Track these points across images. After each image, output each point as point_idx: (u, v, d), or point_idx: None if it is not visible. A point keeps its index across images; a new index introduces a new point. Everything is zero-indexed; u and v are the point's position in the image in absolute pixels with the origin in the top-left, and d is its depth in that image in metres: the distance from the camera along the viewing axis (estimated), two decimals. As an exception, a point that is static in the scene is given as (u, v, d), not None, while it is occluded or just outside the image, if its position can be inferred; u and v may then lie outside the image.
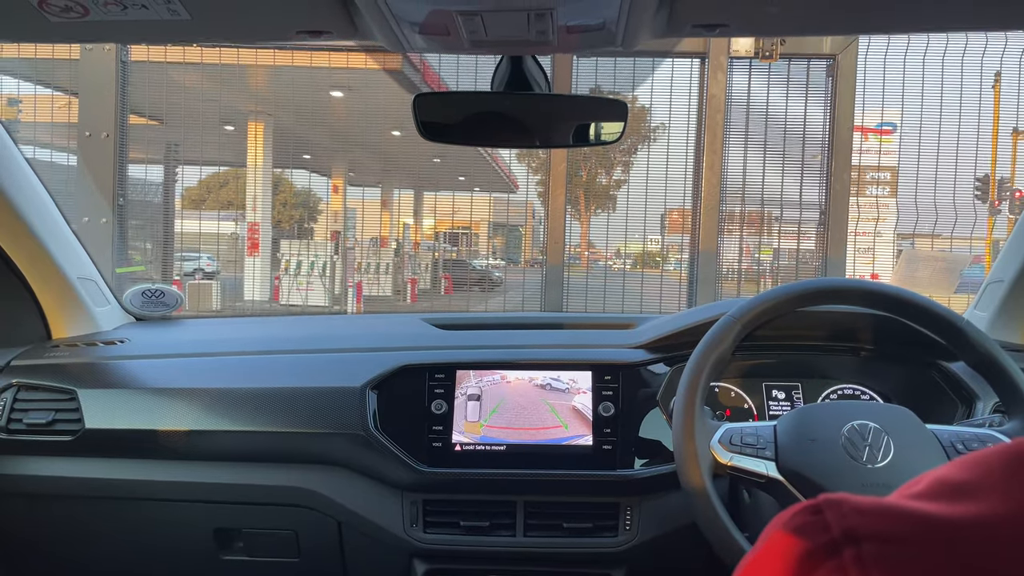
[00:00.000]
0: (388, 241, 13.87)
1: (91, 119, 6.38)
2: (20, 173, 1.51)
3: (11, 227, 1.52)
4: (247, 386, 1.45)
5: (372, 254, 11.90)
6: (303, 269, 9.59)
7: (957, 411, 1.39)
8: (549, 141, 1.21)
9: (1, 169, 1.44)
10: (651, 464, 1.37)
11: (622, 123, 1.17)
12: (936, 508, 0.36)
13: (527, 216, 28.60)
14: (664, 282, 8.41)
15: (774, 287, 1.24)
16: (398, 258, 12.18)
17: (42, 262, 1.59)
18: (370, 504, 1.39)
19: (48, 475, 1.46)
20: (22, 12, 0.88)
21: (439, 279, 13.82)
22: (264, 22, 0.97)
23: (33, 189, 1.55)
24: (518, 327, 1.69)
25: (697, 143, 4.34)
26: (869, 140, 10.01)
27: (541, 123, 1.16)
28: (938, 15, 0.92)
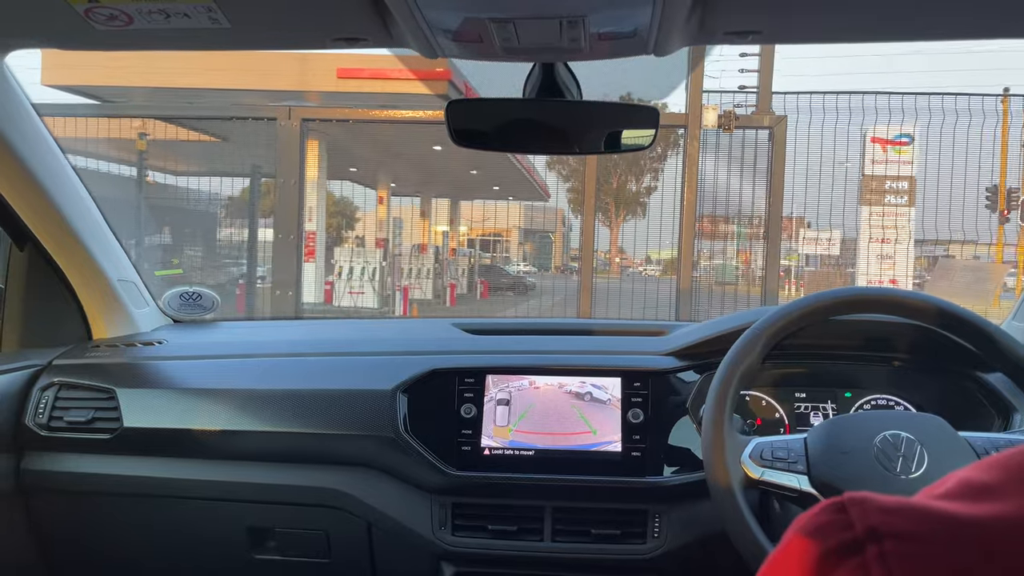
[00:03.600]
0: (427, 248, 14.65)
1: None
2: (67, 180, 1.54)
3: (56, 232, 1.55)
4: (280, 387, 1.47)
5: (415, 260, 12.24)
6: (354, 274, 10.40)
7: (994, 423, 1.35)
8: (580, 147, 1.20)
9: (50, 176, 1.46)
10: (681, 471, 1.35)
11: (653, 129, 1.17)
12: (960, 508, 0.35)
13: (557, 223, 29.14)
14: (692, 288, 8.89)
15: (802, 296, 1.21)
16: (438, 264, 12.49)
17: (84, 264, 1.61)
18: (399, 506, 1.39)
19: (87, 472, 1.48)
20: (68, 20, 0.91)
21: (476, 284, 14.12)
22: (302, 30, 0.99)
23: (78, 195, 1.57)
24: (548, 333, 1.68)
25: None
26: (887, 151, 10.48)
27: (572, 129, 1.16)
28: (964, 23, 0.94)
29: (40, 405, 1.48)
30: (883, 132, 10.07)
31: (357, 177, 12.59)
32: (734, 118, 5.93)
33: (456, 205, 15.14)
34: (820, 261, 12.75)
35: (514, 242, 27.06)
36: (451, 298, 12.46)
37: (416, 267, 12.06)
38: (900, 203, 9.95)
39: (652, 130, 1.16)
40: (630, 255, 16.71)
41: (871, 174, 10.00)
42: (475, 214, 17.39)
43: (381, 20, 0.89)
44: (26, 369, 1.53)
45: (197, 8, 0.87)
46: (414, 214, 15.87)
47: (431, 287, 11.92)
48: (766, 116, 6.06)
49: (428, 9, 0.84)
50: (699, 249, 9.07)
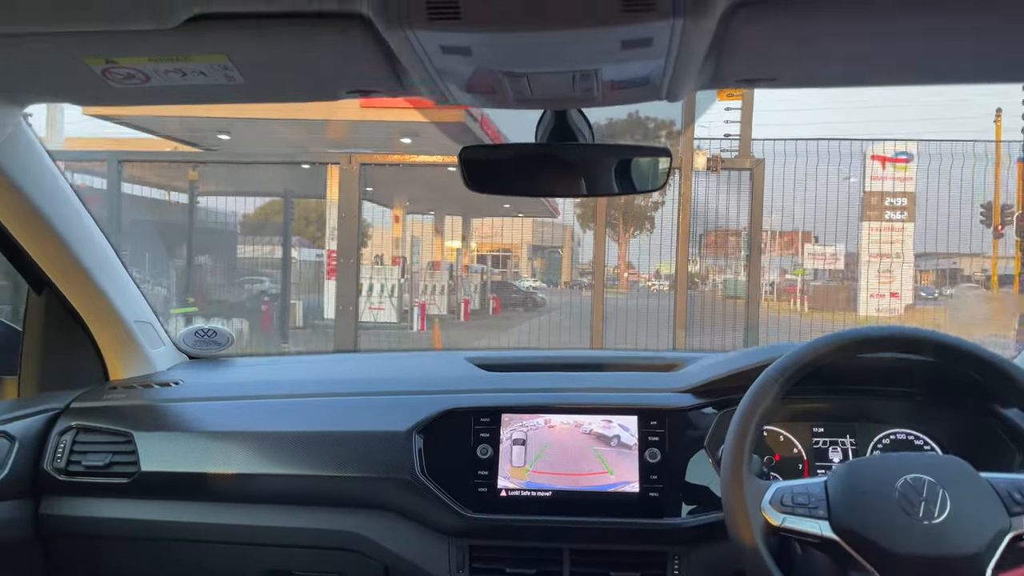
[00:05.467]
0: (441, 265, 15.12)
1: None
2: (83, 226, 1.54)
3: (73, 276, 1.56)
4: (296, 429, 1.46)
5: (430, 277, 12.54)
6: (374, 291, 10.83)
7: (1016, 459, 1.33)
8: (594, 189, 1.19)
9: (66, 224, 1.48)
10: (699, 511, 1.33)
11: (667, 168, 1.17)
12: None
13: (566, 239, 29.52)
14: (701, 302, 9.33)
15: (817, 337, 1.19)
16: (452, 281, 12.78)
17: (101, 307, 1.62)
18: (416, 549, 1.38)
19: (105, 516, 1.47)
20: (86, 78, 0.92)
21: (488, 299, 14.40)
22: (315, 84, 1.01)
23: (94, 241, 1.57)
24: (563, 368, 1.66)
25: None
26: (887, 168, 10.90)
27: (585, 172, 1.16)
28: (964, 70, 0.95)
29: (58, 449, 1.48)
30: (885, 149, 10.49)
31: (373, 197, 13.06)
32: (720, 161, 7.10)
33: (468, 222, 15.57)
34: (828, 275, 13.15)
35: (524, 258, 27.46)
36: (465, 314, 12.65)
37: (431, 284, 12.34)
38: (900, 218, 10.36)
39: (666, 169, 1.17)
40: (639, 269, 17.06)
41: (872, 190, 10.43)
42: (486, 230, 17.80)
43: (393, 72, 0.89)
44: (44, 413, 1.53)
45: (213, 67, 0.89)
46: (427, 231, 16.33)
47: (446, 303, 12.23)
48: (747, 159, 7.20)
49: (441, 63, 0.84)
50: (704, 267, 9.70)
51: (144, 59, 0.88)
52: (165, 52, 0.86)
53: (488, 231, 18.03)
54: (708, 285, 9.84)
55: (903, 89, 6.90)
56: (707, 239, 9.54)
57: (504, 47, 0.83)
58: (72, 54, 0.88)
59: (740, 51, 0.86)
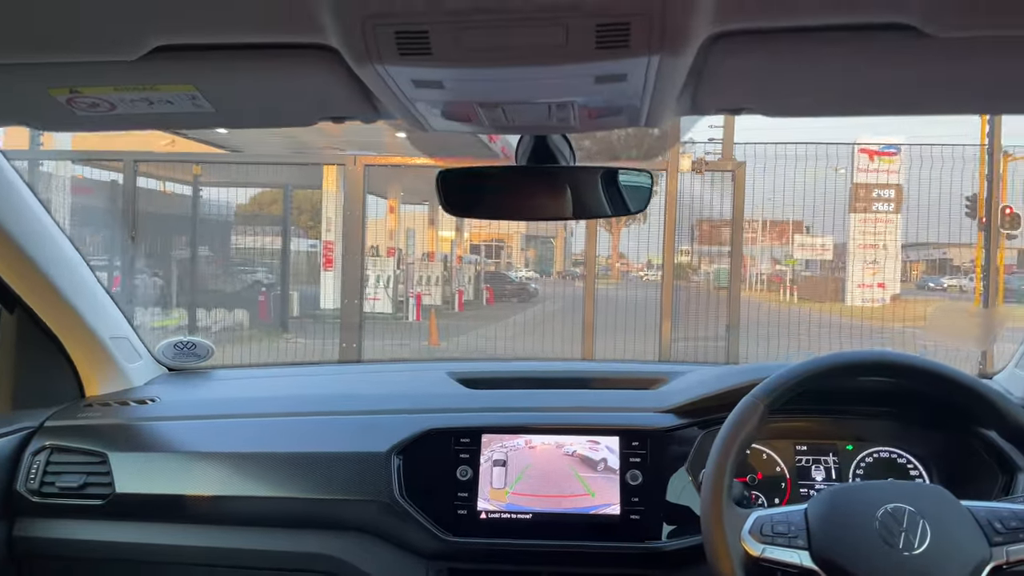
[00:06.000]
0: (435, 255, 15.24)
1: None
2: (53, 244, 1.52)
3: (44, 295, 1.53)
4: (273, 450, 1.44)
5: (425, 268, 12.61)
6: (370, 282, 10.94)
7: (998, 480, 1.32)
8: (574, 212, 1.18)
9: (35, 242, 1.46)
10: (680, 534, 1.32)
11: (648, 192, 1.16)
12: None
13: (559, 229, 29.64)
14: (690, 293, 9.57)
15: (798, 363, 1.19)
16: (446, 272, 12.91)
17: (74, 325, 1.60)
18: (394, 572, 1.37)
19: (79, 539, 1.45)
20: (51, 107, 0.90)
21: (482, 290, 14.43)
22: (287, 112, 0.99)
23: (65, 257, 1.55)
24: (545, 384, 1.63)
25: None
26: (874, 161, 11.10)
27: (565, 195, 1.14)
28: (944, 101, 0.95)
29: (32, 470, 1.46)
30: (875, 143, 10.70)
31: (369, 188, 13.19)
32: (704, 163, 7.47)
33: (462, 213, 15.68)
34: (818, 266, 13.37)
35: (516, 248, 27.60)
36: (459, 304, 12.77)
37: (426, 274, 12.41)
38: (887, 210, 10.57)
39: (647, 192, 1.17)
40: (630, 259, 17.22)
41: (860, 183, 10.64)
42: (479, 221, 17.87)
43: (367, 100, 0.88)
44: (18, 432, 1.50)
45: (180, 96, 0.87)
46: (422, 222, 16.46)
47: (440, 293, 12.30)
48: (729, 162, 7.58)
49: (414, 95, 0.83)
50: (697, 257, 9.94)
51: (109, 89, 0.86)
52: (130, 82, 0.85)
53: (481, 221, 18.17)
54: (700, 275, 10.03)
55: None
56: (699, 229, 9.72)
57: (477, 81, 0.82)
58: (36, 84, 0.86)
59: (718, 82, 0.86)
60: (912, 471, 1.41)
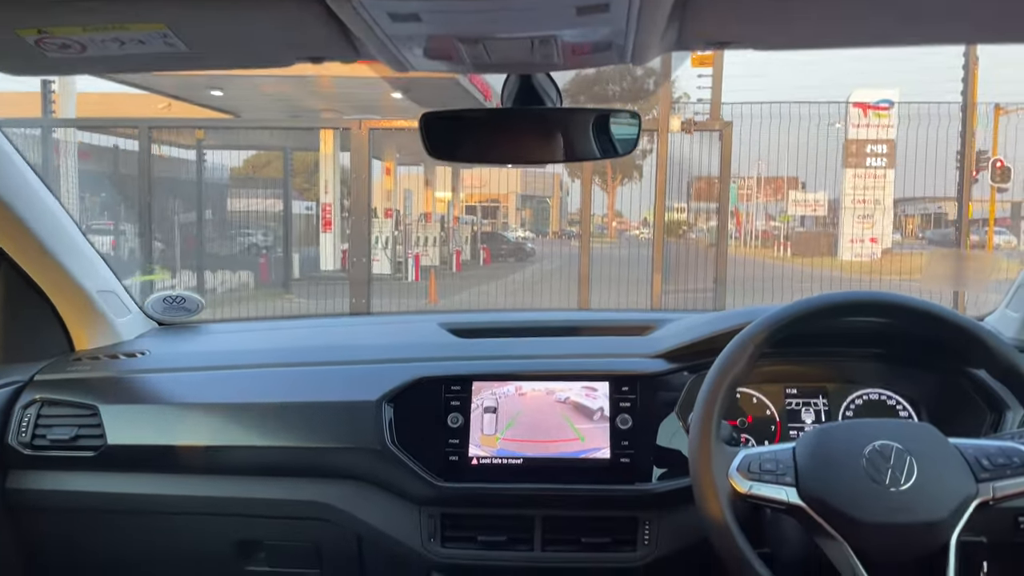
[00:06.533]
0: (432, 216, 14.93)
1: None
2: (36, 198, 1.50)
3: (29, 249, 1.52)
4: (264, 401, 1.44)
5: (422, 229, 12.72)
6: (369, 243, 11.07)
7: (986, 419, 1.32)
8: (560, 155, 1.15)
9: (17, 196, 1.45)
10: (670, 476, 1.33)
11: (635, 133, 1.14)
12: None
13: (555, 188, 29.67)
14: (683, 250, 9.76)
15: (790, 303, 1.19)
16: (444, 232, 12.93)
17: (60, 279, 1.58)
18: (388, 518, 1.38)
19: (72, 490, 1.45)
20: (20, 49, 0.88)
21: (478, 250, 14.50)
22: (262, 52, 0.96)
23: (49, 211, 1.53)
24: (535, 333, 1.63)
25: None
26: (868, 116, 11.17)
27: (551, 137, 1.12)
28: (932, 31, 0.93)
29: (23, 423, 1.46)
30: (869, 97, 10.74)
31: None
32: (693, 124, 7.64)
33: (457, 173, 15.77)
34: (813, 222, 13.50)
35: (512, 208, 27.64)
36: (457, 264, 12.89)
37: (424, 235, 12.46)
38: (881, 165, 10.67)
39: (635, 133, 1.14)
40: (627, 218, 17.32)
41: (853, 138, 10.71)
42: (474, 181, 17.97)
43: (345, 38, 0.86)
44: (8, 386, 1.50)
45: (151, 35, 0.85)
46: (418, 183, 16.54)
47: (438, 254, 12.37)
48: (717, 122, 7.77)
49: (392, 30, 0.81)
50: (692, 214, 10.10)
51: (78, 29, 0.84)
52: (100, 22, 0.83)
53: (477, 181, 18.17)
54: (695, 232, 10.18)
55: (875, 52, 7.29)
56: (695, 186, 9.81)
57: (455, 13, 0.80)
58: (2, 25, 0.84)
59: (705, 13, 0.84)
60: (901, 412, 1.42)
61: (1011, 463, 1.03)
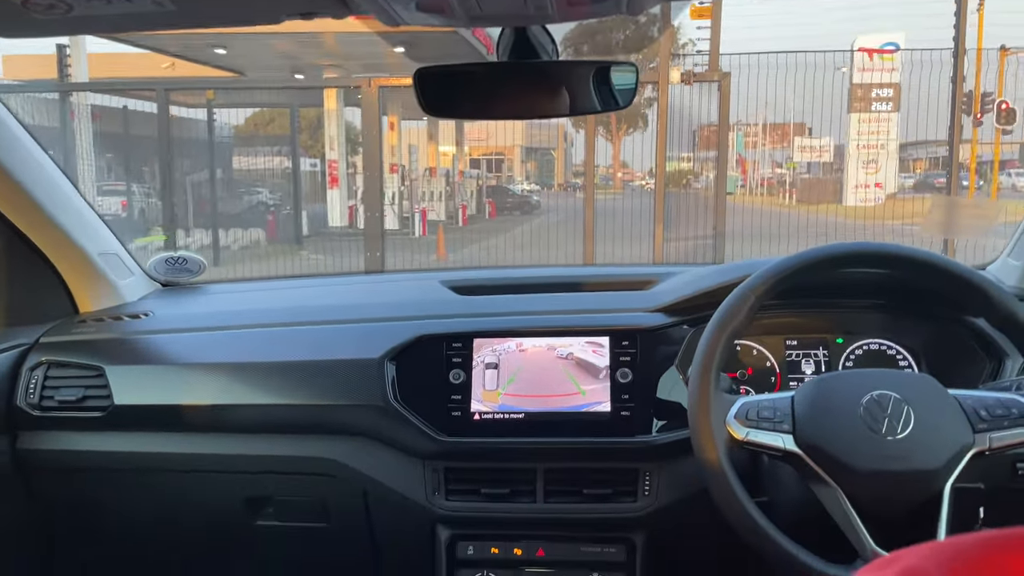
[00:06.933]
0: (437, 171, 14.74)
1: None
2: (32, 160, 1.50)
3: (27, 212, 1.52)
4: (268, 360, 1.46)
5: (428, 184, 12.82)
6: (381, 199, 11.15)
7: (985, 367, 1.33)
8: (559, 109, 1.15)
9: (10, 156, 1.44)
10: (670, 428, 1.34)
11: (633, 86, 1.13)
12: None
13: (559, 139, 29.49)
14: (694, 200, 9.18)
15: (788, 256, 1.19)
16: (449, 187, 13.00)
17: (60, 242, 1.59)
18: (392, 473, 1.40)
19: (82, 450, 1.48)
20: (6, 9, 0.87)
21: (484, 204, 14.56)
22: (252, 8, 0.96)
23: (45, 174, 1.54)
24: (536, 289, 1.65)
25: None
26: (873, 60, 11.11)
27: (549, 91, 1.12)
28: None
29: (30, 385, 1.49)
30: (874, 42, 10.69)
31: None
32: (692, 75, 7.81)
33: (460, 126, 15.74)
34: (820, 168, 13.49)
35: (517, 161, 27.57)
36: (463, 218, 12.97)
37: (429, 190, 12.55)
38: (886, 109, 10.67)
39: (632, 86, 1.14)
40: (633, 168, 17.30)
41: (859, 82, 10.70)
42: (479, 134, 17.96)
43: None
44: (14, 349, 1.52)
45: None
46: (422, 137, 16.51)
47: (444, 209, 12.44)
48: (715, 73, 7.94)
49: None
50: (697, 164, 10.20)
51: None
52: None
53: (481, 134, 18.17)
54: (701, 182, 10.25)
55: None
56: (701, 134, 9.83)
57: None
58: None
59: None
60: (901, 361, 1.44)
61: (1009, 414, 1.04)
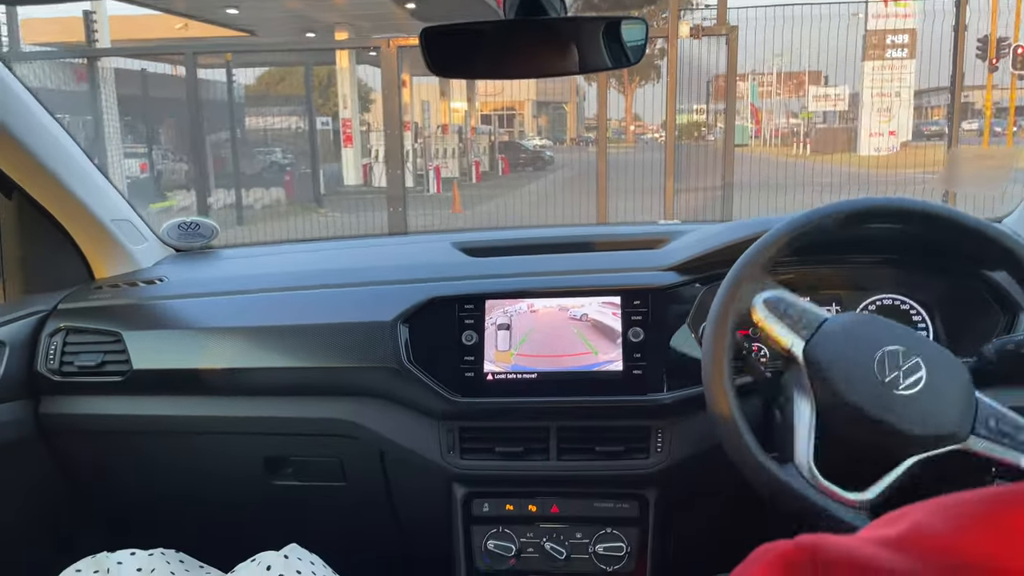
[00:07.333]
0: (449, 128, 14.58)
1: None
2: (42, 128, 1.52)
3: (39, 179, 1.55)
4: (282, 323, 1.49)
5: (441, 141, 12.87)
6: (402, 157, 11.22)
7: (1000, 321, 1.34)
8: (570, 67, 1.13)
9: (20, 124, 1.47)
10: (681, 386, 1.36)
11: (643, 41, 1.13)
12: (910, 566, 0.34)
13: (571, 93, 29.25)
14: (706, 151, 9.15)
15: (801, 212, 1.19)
16: (462, 144, 13.06)
17: (74, 208, 1.62)
18: (408, 433, 1.43)
19: (103, 413, 1.52)
20: None
21: (497, 160, 14.56)
22: None
23: (56, 141, 1.56)
24: (546, 249, 1.69)
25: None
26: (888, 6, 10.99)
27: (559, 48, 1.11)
28: None
29: (50, 351, 1.53)
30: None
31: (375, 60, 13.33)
32: (701, 29, 7.95)
33: (472, 83, 15.73)
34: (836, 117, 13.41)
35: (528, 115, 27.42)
36: (476, 175, 13.04)
37: (442, 147, 12.61)
38: (901, 56, 10.59)
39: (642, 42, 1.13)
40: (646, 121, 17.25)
41: (874, 29, 10.61)
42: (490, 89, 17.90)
43: None
44: (32, 316, 1.56)
45: None
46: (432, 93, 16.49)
47: (457, 165, 12.53)
48: (723, 27, 8.02)
49: None
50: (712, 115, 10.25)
51: None
52: None
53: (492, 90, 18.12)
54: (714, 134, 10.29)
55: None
56: (714, 85, 9.83)
57: None
58: None
59: None
60: (915, 316, 1.45)
61: (1014, 437, 1.04)
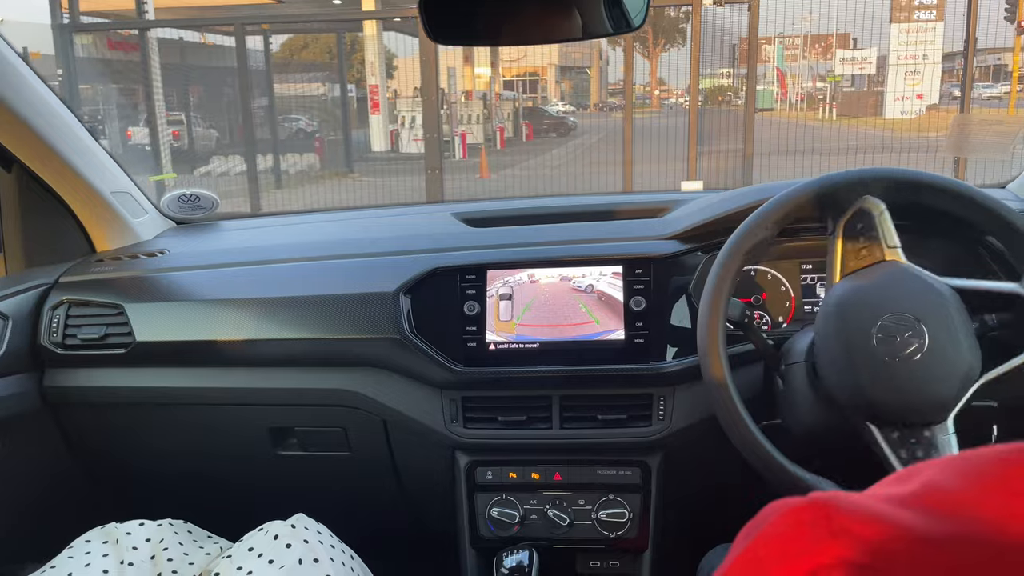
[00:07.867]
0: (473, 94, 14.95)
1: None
2: (41, 101, 1.51)
3: (38, 152, 1.55)
4: (284, 295, 1.49)
5: (466, 107, 13.06)
6: (416, 123, 10.94)
7: None
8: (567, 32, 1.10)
9: (18, 97, 1.47)
10: (683, 354, 1.36)
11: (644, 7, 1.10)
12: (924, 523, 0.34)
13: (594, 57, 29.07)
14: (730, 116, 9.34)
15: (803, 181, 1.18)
16: (486, 110, 13.16)
17: (73, 181, 1.62)
18: (411, 403, 1.44)
19: (107, 385, 1.53)
20: None
21: (520, 126, 14.64)
22: None
23: (55, 114, 1.55)
24: (548, 219, 1.65)
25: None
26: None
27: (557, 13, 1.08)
28: None
29: (53, 324, 1.53)
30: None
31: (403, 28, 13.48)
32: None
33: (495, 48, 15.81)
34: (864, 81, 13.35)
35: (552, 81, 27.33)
36: (501, 141, 13.16)
37: (467, 113, 12.75)
38: (929, 18, 10.57)
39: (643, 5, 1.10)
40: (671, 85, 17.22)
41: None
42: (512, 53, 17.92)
43: None
44: (34, 289, 1.55)
45: None
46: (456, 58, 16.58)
47: (482, 132, 12.63)
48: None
49: None
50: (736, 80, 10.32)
51: None
52: None
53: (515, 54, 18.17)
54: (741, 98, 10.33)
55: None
56: (741, 48, 9.84)
57: None
58: None
59: None
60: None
61: None
